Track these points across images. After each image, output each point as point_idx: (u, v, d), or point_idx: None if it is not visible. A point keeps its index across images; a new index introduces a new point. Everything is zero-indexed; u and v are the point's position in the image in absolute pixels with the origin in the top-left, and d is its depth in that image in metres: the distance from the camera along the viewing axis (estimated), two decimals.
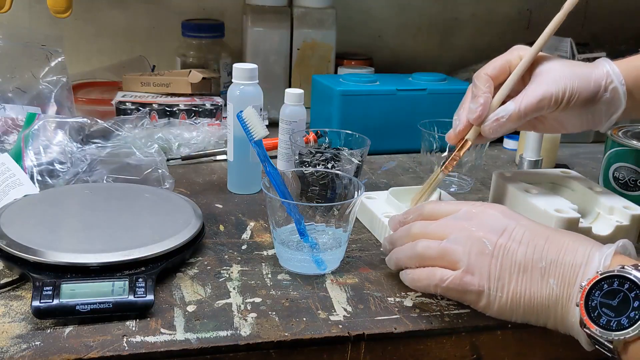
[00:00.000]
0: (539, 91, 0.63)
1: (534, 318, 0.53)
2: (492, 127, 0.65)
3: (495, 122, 0.65)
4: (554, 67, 0.65)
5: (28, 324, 0.52)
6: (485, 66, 0.68)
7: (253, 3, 1.16)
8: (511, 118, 0.64)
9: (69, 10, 0.86)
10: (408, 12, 1.41)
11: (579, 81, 0.63)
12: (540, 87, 0.64)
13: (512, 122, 0.64)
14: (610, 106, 0.65)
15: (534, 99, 0.63)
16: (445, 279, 0.54)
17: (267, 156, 0.66)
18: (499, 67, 0.67)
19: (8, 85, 0.94)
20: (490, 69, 0.67)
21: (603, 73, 0.64)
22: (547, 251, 0.53)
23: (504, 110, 0.64)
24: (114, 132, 0.87)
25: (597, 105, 0.65)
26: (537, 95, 0.63)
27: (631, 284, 0.47)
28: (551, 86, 0.63)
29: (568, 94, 0.63)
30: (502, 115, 0.64)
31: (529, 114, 0.64)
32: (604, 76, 0.64)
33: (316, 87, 1.06)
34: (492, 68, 0.67)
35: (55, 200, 0.69)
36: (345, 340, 0.53)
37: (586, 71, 0.64)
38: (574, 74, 0.64)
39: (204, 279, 0.61)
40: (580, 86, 0.63)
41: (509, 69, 0.67)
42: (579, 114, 0.65)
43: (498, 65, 0.67)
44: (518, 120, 0.64)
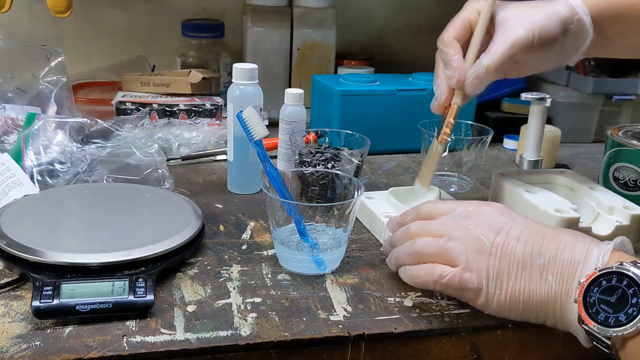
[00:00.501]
0: (508, 39, 0.63)
1: (533, 315, 0.53)
2: (474, 85, 0.66)
3: (475, 79, 0.65)
4: (516, 13, 0.65)
5: (28, 324, 0.52)
6: (445, 30, 0.68)
7: (253, 3, 1.15)
8: (489, 71, 0.64)
9: (69, 10, 0.86)
10: (408, 12, 1.41)
11: (544, 20, 0.64)
12: (509, 34, 0.64)
13: (490, 74, 0.65)
14: (577, 38, 0.65)
15: (505, 47, 0.63)
16: (444, 276, 0.54)
17: (267, 156, 0.66)
18: (460, 27, 0.67)
19: (8, 85, 0.94)
20: (452, 31, 0.67)
21: (566, 6, 0.65)
22: (546, 248, 0.53)
23: (480, 66, 0.65)
24: (114, 132, 0.87)
25: (565, 39, 0.65)
26: (507, 44, 0.63)
27: (629, 281, 0.48)
28: (519, 31, 0.63)
29: (537, 35, 0.63)
30: (479, 71, 0.65)
31: (504, 62, 0.64)
32: (567, 9, 0.64)
33: (316, 87, 1.06)
34: (453, 29, 0.67)
35: (55, 200, 0.69)
36: (345, 340, 0.53)
37: (549, 8, 0.65)
38: (538, 14, 0.64)
39: (204, 279, 0.61)
40: (546, 24, 0.64)
41: (470, 26, 0.67)
42: (548, 52, 0.66)
43: (458, 25, 0.68)
44: (496, 72, 0.64)
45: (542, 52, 0.65)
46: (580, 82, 1.14)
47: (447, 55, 0.66)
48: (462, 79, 0.66)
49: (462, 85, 0.66)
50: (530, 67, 0.68)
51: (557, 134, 1.02)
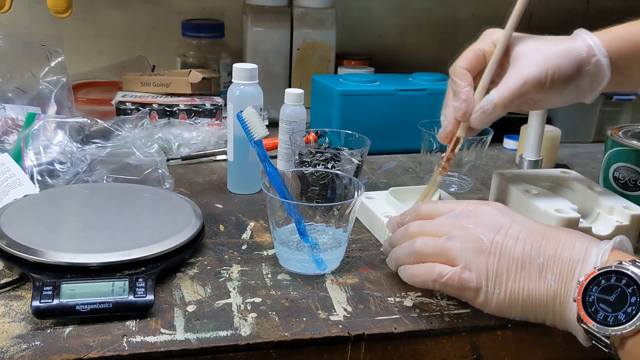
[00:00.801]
0: (520, 77, 0.62)
1: (532, 314, 0.53)
2: (480, 119, 0.64)
3: (482, 114, 0.64)
4: (531, 48, 0.64)
5: (28, 324, 0.52)
6: (458, 59, 0.66)
7: (253, 3, 1.16)
8: (496, 108, 0.63)
9: (69, 10, 0.86)
10: (408, 12, 1.41)
11: (559, 59, 0.62)
12: (521, 71, 0.62)
13: (497, 111, 0.63)
14: (594, 79, 0.64)
15: (515, 85, 0.62)
16: (444, 275, 0.54)
17: (267, 156, 0.66)
18: (473, 58, 0.66)
19: (8, 85, 0.94)
20: (465, 62, 0.66)
21: (584, 46, 0.63)
22: (545, 247, 0.53)
23: (488, 102, 0.63)
24: (114, 132, 0.87)
25: (581, 79, 0.63)
26: (518, 81, 0.62)
27: (628, 280, 0.48)
28: (532, 69, 0.62)
29: (550, 75, 0.62)
30: (487, 107, 0.63)
31: (514, 100, 0.63)
32: (585, 49, 0.63)
33: (316, 87, 1.06)
34: (466, 60, 0.66)
35: (55, 200, 0.69)
36: (345, 340, 0.53)
37: (565, 46, 0.63)
38: (553, 51, 0.63)
39: (204, 279, 0.61)
40: (562, 63, 0.62)
41: (484, 57, 0.66)
42: (562, 91, 0.64)
43: (472, 56, 0.66)
44: (504, 109, 0.63)
45: (555, 90, 0.63)
46: None
47: (457, 86, 0.65)
48: (469, 112, 0.64)
49: (468, 119, 0.65)
50: (543, 104, 0.67)
51: (557, 134, 1.02)
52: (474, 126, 0.66)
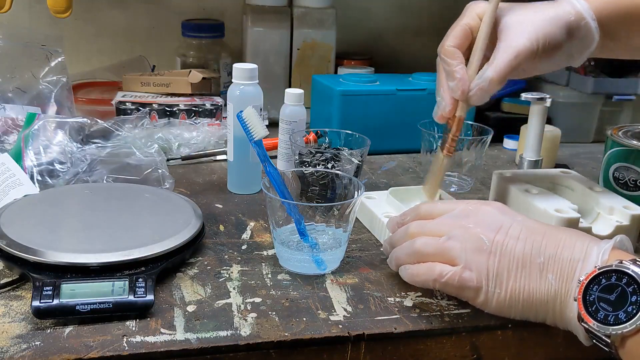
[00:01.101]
0: (512, 49, 0.61)
1: (533, 314, 0.53)
2: (478, 96, 0.64)
3: (479, 91, 0.63)
4: (519, 18, 0.63)
5: (28, 324, 0.52)
6: (446, 38, 0.66)
7: (253, 3, 1.15)
8: (492, 83, 0.62)
9: (69, 10, 0.86)
10: (408, 12, 1.41)
11: (549, 26, 0.62)
12: (512, 43, 0.62)
13: (494, 85, 0.63)
14: (583, 43, 0.64)
15: (508, 58, 0.61)
16: (444, 274, 0.54)
17: (267, 156, 0.66)
18: (460, 35, 0.65)
19: (8, 85, 0.94)
20: (453, 39, 0.65)
21: (572, 10, 0.63)
22: (545, 247, 0.53)
23: (483, 78, 0.62)
24: (114, 132, 0.87)
25: (570, 44, 0.63)
26: (511, 54, 0.61)
27: (629, 279, 0.48)
28: (522, 40, 0.61)
29: (542, 43, 0.62)
30: (483, 83, 0.63)
31: (508, 74, 0.62)
32: (573, 13, 0.63)
33: (316, 87, 1.06)
34: (454, 38, 0.65)
35: (55, 200, 0.69)
36: (345, 340, 0.53)
37: (554, 12, 0.63)
38: (542, 19, 0.62)
39: (204, 279, 0.61)
40: (552, 31, 0.62)
41: (472, 32, 0.65)
42: (553, 57, 0.64)
43: (459, 33, 0.65)
44: (500, 83, 0.62)
45: (546, 58, 0.63)
46: (580, 82, 1.14)
47: (449, 65, 0.64)
48: (467, 91, 0.64)
49: (467, 97, 0.64)
50: (533, 71, 0.66)
51: (557, 134, 1.02)
52: (474, 103, 0.65)
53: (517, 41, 0.62)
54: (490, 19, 0.64)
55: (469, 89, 0.64)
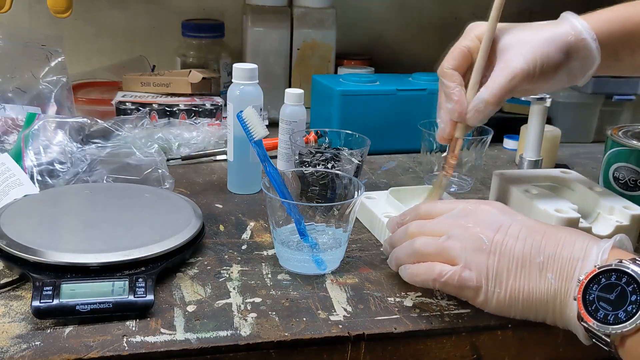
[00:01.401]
0: (508, 71, 0.61)
1: (533, 313, 0.53)
2: (475, 118, 0.64)
3: (475, 112, 0.63)
4: (516, 39, 0.63)
5: (28, 324, 0.52)
6: (445, 60, 0.65)
7: (253, 3, 1.16)
8: (488, 104, 0.62)
9: (69, 10, 0.86)
10: (408, 12, 1.41)
11: (546, 47, 0.61)
12: (508, 66, 0.61)
13: (490, 107, 0.62)
14: (584, 63, 0.63)
15: (505, 81, 0.61)
16: (444, 274, 0.54)
17: (267, 156, 0.66)
18: (459, 57, 0.65)
19: (8, 85, 0.94)
20: (452, 62, 0.65)
21: (571, 30, 0.62)
22: (545, 246, 0.53)
23: (480, 100, 0.62)
24: (114, 132, 0.87)
25: (570, 64, 0.62)
26: (507, 77, 0.61)
27: (629, 278, 0.48)
28: (519, 62, 0.61)
29: (539, 65, 0.61)
30: (479, 105, 0.62)
31: (504, 96, 0.62)
32: (572, 33, 0.62)
33: (316, 87, 1.06)
34: (452, 60, 0.65)
35: (55, 200, 0.69)
36: (345, 340, 0.53)
37: (551, 33, 0.62)
38: (539, 40, 0.61)
39: (204, 279, 0.61)
40: (549, 52, 0.61)
41: (470, 54, 0.65)
42: (553, 78, 0.63)
43: (457, 55, 0.65)
44: (496, 105, 0.62)
45: (545, 78, 0.62)
46: None
47: (448, 87, 0.64)
48: (464, 112, 0.64)
49: (464, 118, 0.64)
50: (534, 90, 0.66)
51: (557, 134, 1.02)
52: (471, 124, 0.65)
53: (513, 63, 0.61)
54: (489, 41, 0.63)
55: (467, 111, 0.64)
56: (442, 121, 0.66)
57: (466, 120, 0.64)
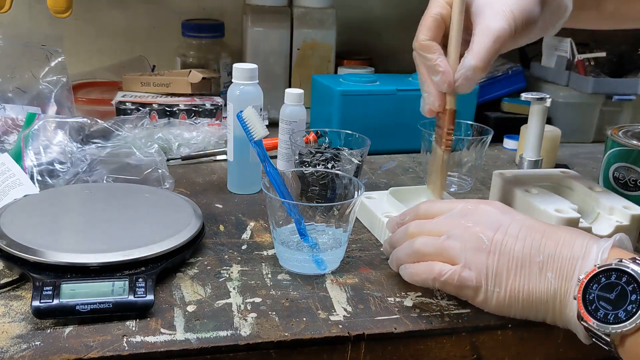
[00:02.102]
0: (491, 34, 0.60)
1: (533, 313, 0.53)
2: (464, 86, 0.62)
3: (464, 80, 0.62)
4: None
5: (28, 324, 0.52)
6: (418, 32, 0.64)
7: (253, 3, 1.15)
8: (477, 70, 0.61)
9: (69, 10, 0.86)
10: (408, 12, 1.40)
11: (522, 2, 0.60)
12: (490, 27, 0.60)
13: (478, 73, 0.61)
14: (557, 12, 0.63)
15: (489, 44, 0.60)
16: (443, 273, 0.54)
17: (267, 156, 0.66)
18: (433, 26, 0.63)
19: (8, 85, 0.94)
20: (426, 32, 0.63)
21: None
22: (545, 245, 0.53)
23: (467, 67, 0.61)
24: (114, 132, 0.87)
25: (544, 14, 0.62)
26: (490, 39, 0.60)
27: (629, 277, 0.48)
28: (500, 23, 0.59)
29: (519, 22, 0.60)
30: (467, 72, 0.61)
31: (491, 58, 0.61)
32: None
33: (316, 87, 1.06)
34: (427, 30, 0.63)
35: (55, 200, 0.69)
36: (345, 340, 0.53)
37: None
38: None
39: (204, 279, 0.61)
40: (526, 5, 0.60)
41: (443, 20, 0.63)
42: (532, 30, 0.63)
43: (431, 24, 0.63)
44: (484, 69, 0.61)
45: (524, 34, 0.62)
46: (580, 82, 1.14)
47: (429, 60, 0.63)
48: (452, 82, 0.63)
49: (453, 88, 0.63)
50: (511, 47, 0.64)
51: (557, 134, 1.02)
52: (461, 92, 0.64)
53: (494, 24, 0.60)
54: (461, 5, 0.62)
55: (454, 80, 0.63)
56: (430, 94, 0.65)
57: (456, 89, 0.63)
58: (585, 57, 1.14)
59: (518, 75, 1.15)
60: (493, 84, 1.14)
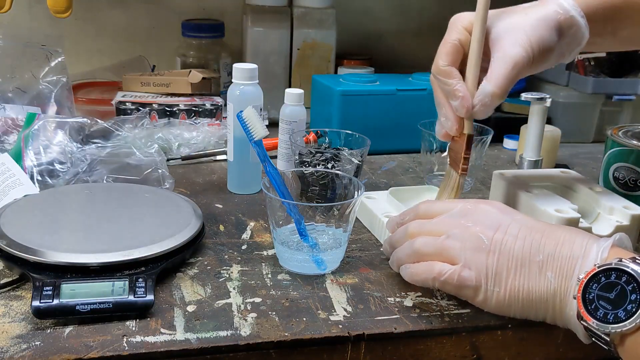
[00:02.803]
0: (509, 61, 0.60)
1: (533, 312, 0.53)
2: (482, 111, 0.63)
3: (482, 106, 0.62)
4: (508, 26, 0.62)
5: (28, 324, 0.52)
6: (437, 58, 0.64)
7: (253, 3, 1.15)
8: (494, 97, 0.61)
9: (69, 10, 0.86)
10: (408, 12, 1.41)
11: (539, 29, 0.61)
12: (507, 55, 0.61)
13: (496, 99, 0.62)
14: (573, 40, 0.63)
15: (507, 71, 0.60)
16: (443, 273, 0.54)
17: (267, 156, 0.66)
18: (452, 52, 0.64)
19: (8, 85, 0.94)
20: (446, 58, 0.64)
21: (559, 9, 0.62)
22: (544, 245, 0.53)
23: (485, 94, 0.61)
24: (114, 132, 0.87)
25: (562, 42, 0.63)
26: (508, 66, 0.60)
27: (628, 277, 0.48)
28: (517, 50, 0.60)
29: (536, 50, 0.61)
30: (485, 99, 0.62)
31: (509, 85, 0.61)
32: (560, 12, 0.62)
33: (316, 87, 1.06)
34: (446, 56, 0.64)
35: (55, 200, 0.69)
36: (345, 340, 0.53)
37: (541, 14, 0.62)
38: (531, 23, 0.61)
39: (204, 279, 0.61)
40: (543, 34, 0.61)
41: (462, 46, 0.64)
42: (549, 58, 0.63)
43: (450, 50, 0.64)
44: (502, 96, 0.61)
45: (542, 61, 0.63)
46: (580, 82, 1.14)
47: (449, 85, 0.63)
48: (471, 108, 0.63)
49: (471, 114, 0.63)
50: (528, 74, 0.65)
51: (557, 134, 1.02)
52: (479, 118, 0.64)
53: (512, 51, 0.60)
54: (481, 32, 0.62)
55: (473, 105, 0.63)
56: (448, 119, 0.65)
57: (474, 115, 0.63)
58: (585, 57, 1.14)
59: None
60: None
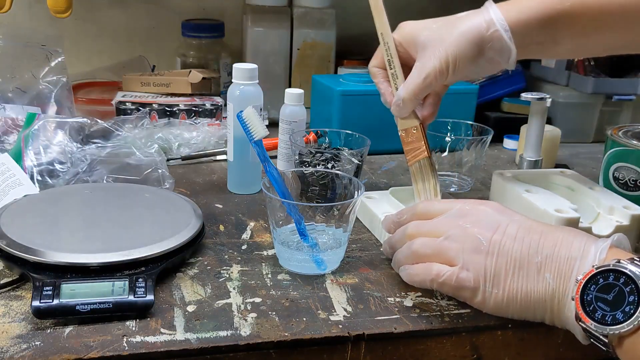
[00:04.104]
0: (421, 71, 0.66)
1: (531, 313, 0.53)
2: (397, 111, 0.70)
3: (396, 107, 0.70)
4: (433, 37, 0.66)
5: (28, 324, 0.52)
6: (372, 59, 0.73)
7: (253, 3, 1.16)
8: (405, 102, 0.68)
9: (69, 10, 0.86)
10: (408, 13, 1.40)
11: (459, 44, 0.64)
12: (424, 65, 0.66)
13: (408, 104, 0.69)
14: (498, 53, 0.64)
15: (418, 80, 0.66)
16: (441, 274, 0.54)
17: (267, 156, 0.66)
18: (380, 56, 0.72)
19: (8, 85, 0.94)
20: (375, 60, 0.73)
21: (484, 23, 0.64)
22: (542, 246, 0.53)
23: (397, 97, 0.69)
24: (114, 132, 0.87)
25: (487, 55, 0.65)
26: (420, 76, 0.66)
27: (627, 278, 0.48)
28: (431, 62, 0.65)
29: (452, 62, 0.64)
30: (398, 101, 0.69)
31: (420, 93, 0.68)
32: (484, 26, 0.63)
33: (316, 87, 1.06)
34: (375, 59, 0.73)
35: (55, 200, 0.69)
36: (345, 340, 0.53)
37: (467, 26, 0.64)
38: (454, 36, 0.64)
39: (204, 279, 0.61)
40: (461, 48, 0.64)
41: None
42: (470, 68, 0.66)
43: (379, 54, 0.73)
44: (413, 101, 0.68)
45: (461, 71, 0.65)
46: (580, 82, 1.14)
47: (377, 84, 0.73)
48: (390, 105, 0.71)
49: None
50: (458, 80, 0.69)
51: (557, 134, 1.02)
52: (397, 116, 0.71)
53: (428, 64, 0.65)
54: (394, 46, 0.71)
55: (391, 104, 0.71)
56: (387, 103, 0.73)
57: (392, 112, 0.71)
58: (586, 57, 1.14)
59: (518, 75, 1.15)
60: (493, 84, 1.14)
